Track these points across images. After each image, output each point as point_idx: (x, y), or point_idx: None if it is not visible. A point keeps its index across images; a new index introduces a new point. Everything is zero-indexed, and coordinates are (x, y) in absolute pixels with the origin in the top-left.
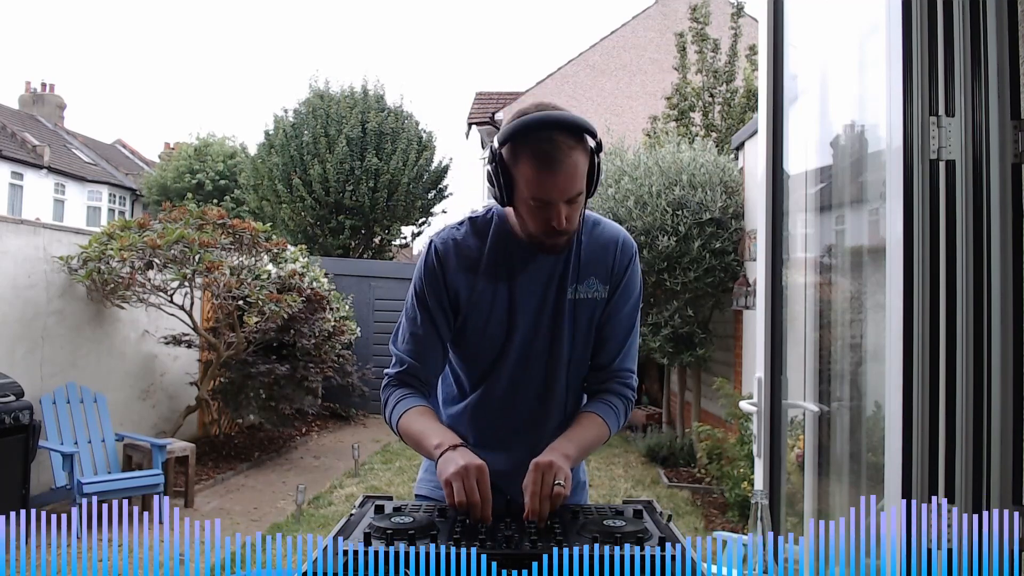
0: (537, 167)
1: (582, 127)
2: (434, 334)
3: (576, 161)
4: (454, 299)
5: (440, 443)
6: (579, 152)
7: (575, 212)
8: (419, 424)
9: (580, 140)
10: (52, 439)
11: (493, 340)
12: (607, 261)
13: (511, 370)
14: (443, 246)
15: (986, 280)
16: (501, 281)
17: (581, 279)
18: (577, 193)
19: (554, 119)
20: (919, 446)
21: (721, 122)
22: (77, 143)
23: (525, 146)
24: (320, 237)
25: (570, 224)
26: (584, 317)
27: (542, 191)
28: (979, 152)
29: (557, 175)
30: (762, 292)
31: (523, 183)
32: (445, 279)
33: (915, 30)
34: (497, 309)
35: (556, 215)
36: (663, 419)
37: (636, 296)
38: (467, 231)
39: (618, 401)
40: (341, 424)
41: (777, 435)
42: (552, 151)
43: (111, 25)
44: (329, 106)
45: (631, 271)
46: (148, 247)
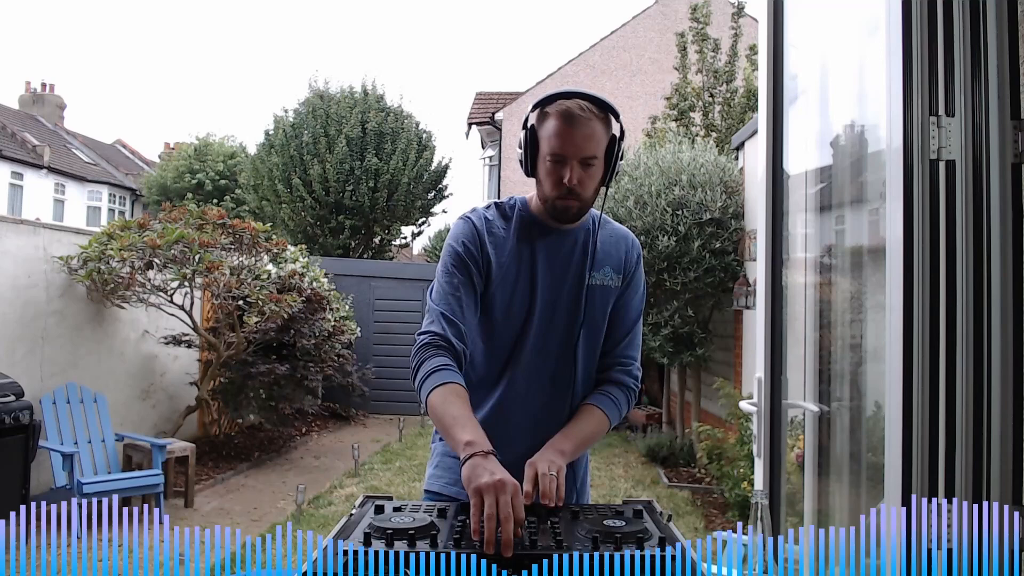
0: (558, 122)
1: (607, 104)
2: (471, 295)
3: (595, 126)
4: (487, 267)
5: (471, 442)
6: (599, 122)
7: (589, 179)
8: (453, 408)
9: (603, 113)
10: (52, 439)
11: (515, 318)
12: (620, 254)
13: (530, 349)
14: (478, 219)
15: (986, 280)
16: (524, 261)
17: (598, 267)
18: (592, 155)
19: (582, 91)
20: (919, 446)
21: (721, 122)
22: (77, 143)
23: (552, 107)
24: (320, 237)
25: (582, 188)
26: (598, 302)
27: (559, 144)
28: (979, 152)
29: (575, 131)
30: (762, 292)
31: (545, 142)
32: (482, 244)
33: (915, 30)
34: (520, 287)
35: (570, 172)
36: (663, 419)
37: (642, 291)
38: (495, 213)
39: (618, 391)
40: (341, 424)
41: (777, 435)
42: (574, 110)
43: (111, 25)
44: (329, 106)
45: (639, 266)
46: (148, 247)
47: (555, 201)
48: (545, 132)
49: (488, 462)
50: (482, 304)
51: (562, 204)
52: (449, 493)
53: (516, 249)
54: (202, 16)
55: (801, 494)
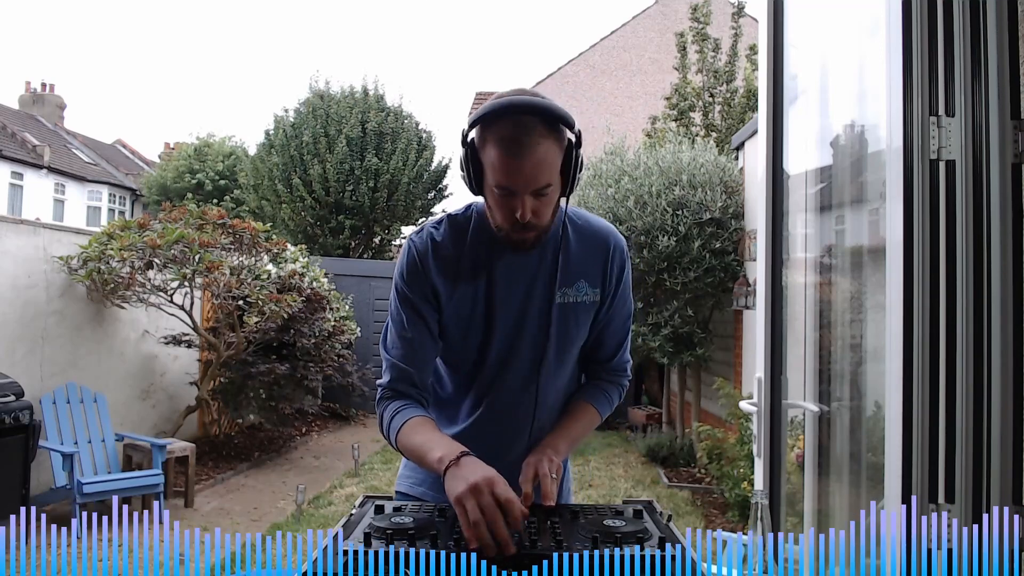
0: (502, 152)
1: (556, 115)
2: (424, 332)
3: (545, 150)
4: (436, 298)
5: (443, 456)
6: (550, 141)
7: (544, 206)
8: (419, 437)
9: (553, 129)
10: (52, 439)
11: (473, 343)
12: (599, 265)
13: (493, 373)
14: (422, 245)
15: (986, 280)
16: (480, 281)
17: (569, 282)
18: (545, 185)
19: (525, 103)
20: (919, 446)
21: (721, 122)
22: (77, 143)
23: (492, 129)
24: (320, 237)
25: (538, 218)
26: (571, 321)
27: (506, 178)
28: (979, 152)
29: (523, 162)
30: (762, 292)
31: (489, 169)
32: (426, 277)
33: (915, 30)
34: (477, 311)
35: (521, 206)
36: (663, 419)
37: (630, 294)
38: (445, 230)
39: (611, 387)
40: (341, 424)
41: (777, 435)
42: (519, 136)
43: (111, 25)
44: (329, 106)
45: (624, 271)
46: (148, 247)
47: (509, 234)
48: (488, 160)
49: (461, 468)
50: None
51: (517, 237)
52: (415, 494)
53: (471, 269)
54: (202, 16)
55: (801, 494)
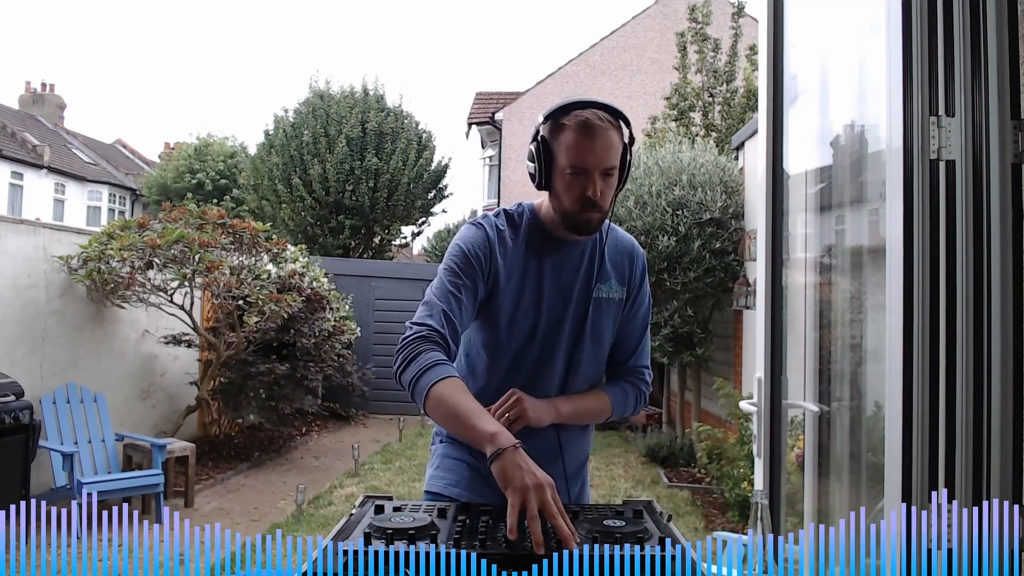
0: (578, 134)
1: (618, 111)
2: (472, 298)
3: (613, 137)
4: (494, 277)
5: (497, 434)
6: (615, 132)
7: (609, 189)
8: (465, 401)
9: (617, 122)
10: (52, 439)
11: (519, 330)
12: (626, 266)
13: (533, 361)
14: (490, 227)
15: (986, 280)
16: (531, 272)
17: (604, 279)
18: (612, 167)
19: (594, 100)
20: (919, 446)
21: (721, 122)
22: (77, 143)
23: (567, 118)
24: (320, 237)
25: (603, 200)
26: (602, 315)
27: (580, 157)
28: (979, 152)
29: (595, 142)
30: (762, 292)
31: (562, 153)
32: (493, 252)
33: (915, 30)
34: (526, 299)
35: (592, 184)
36: (663, 419)
37: (649, 299)
38: (504, 222)
39: (630, 388)
40: (341, 424)
41: (777, 435)
42: (592, 120)
43: (111, 25)
44: (329, 106)
45: (645, 277)
46: (148, 247)
47: (577, 214)
48: (562, 144)
49: (520, 457)
50: (486, 315)
51: (584, 217)
52: (450, 494)
53: (524, 260)
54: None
55: (801, 494)
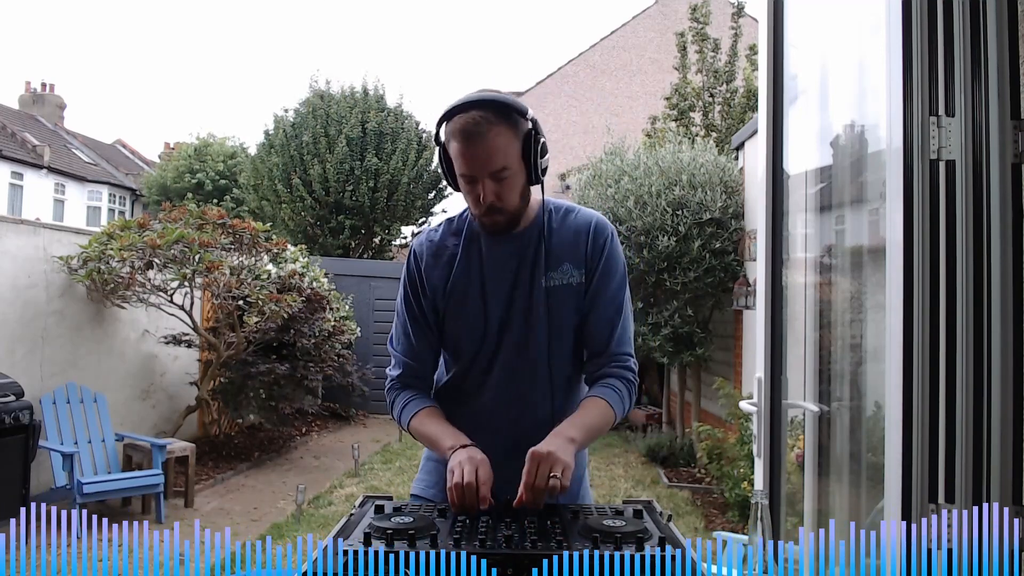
0: (460, 142)
1: (505, 104)
2: (424, 330)
3: (497, 136)
4: (433, 295)
5: (452, 445)
6: (502, 128)
7: (506, 190)
8: (431, 427)
9: (504, 117)
10: (52, 439)
11: (472, 330)
12: (579, 246)
13: (490, 360)
14: (419, 247)
15: (986, 280)
16: (474, 272)
17: (553, 266)
18: (500, 168)
19: (476, 98)
20: (919, 446)
21: (721, 122)
22: (77, 143)
23: (451, 124)
24: (320, 237)
25: (501, 201)
26: (561, 304)
27: (465, 165)
28: (979, 152)
29: (477, 148)
30: (762, 292)
31: (455, 162)
32: (422, 277)
33: (915, 30)
34: (472, 299)
35: (482, 190)
36: (663, 419)
37: (618, 277)
38: (443, 231)
39: (620, 384)
40: (341, 424)
41: (777, 435)
42: (472, 126)
43: (111, 25)
44: (329, 106)
45: (608, 252)
46: (148, 247)
47: (480, 219)
48: (452, 154)
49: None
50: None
51: (488, 220)
52: (427, 496)
53: (465, 263)
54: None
55: (801, 494)
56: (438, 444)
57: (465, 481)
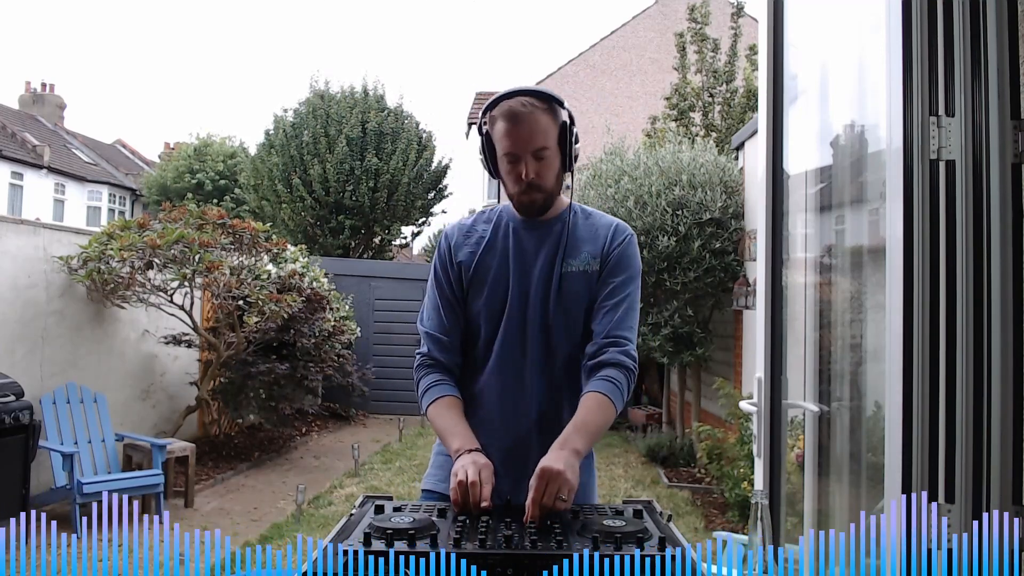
0: (505, 122)
1: (548, 94)
2: (452, 304)
3: (540, 118)
4: (460, 269)
5: (459, 447)
6: (544, 113)
7: (545, 168)
8: (445, 420)
9: (545, 103)
10: (52, 439)
11: (495, 308)
12: (599, 240)
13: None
14: (451, 230)
15: (986, 280)
16: (500, 255)
17: (574, 253)
18: (542, 147)
19: (522, 88)
20: (919, 446)
21: (721, 122)
22: (77, 143)
23: (497, 110)
24: (320, 237)
25: (540, 179)
26: (575, 287)
27: (509, 143)
28: (979, 152)
29: (521, 127)
30: (762, 292)
31: (498, 144)
32: (452, 253)
33: (915, 30)
34: (497, 280)
35: (524, 167)
36: (663, 419)
37: (631, 272)
38: (475, 219)
39: (618, 373)
40: (341, 424)
41: (777, 435)
42: (517, 108)
43: (111, 25)
44: (329, 106)
45: (624, 250)
46: (148, 247)
47: (519, 196)
48: (496, 135)
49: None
50: (469, 300)
51: (526, 198)
52: (440, 490)
53: (495, 246)
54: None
55: (801, 494)
56: (447, 441)
57: (469, 480)
